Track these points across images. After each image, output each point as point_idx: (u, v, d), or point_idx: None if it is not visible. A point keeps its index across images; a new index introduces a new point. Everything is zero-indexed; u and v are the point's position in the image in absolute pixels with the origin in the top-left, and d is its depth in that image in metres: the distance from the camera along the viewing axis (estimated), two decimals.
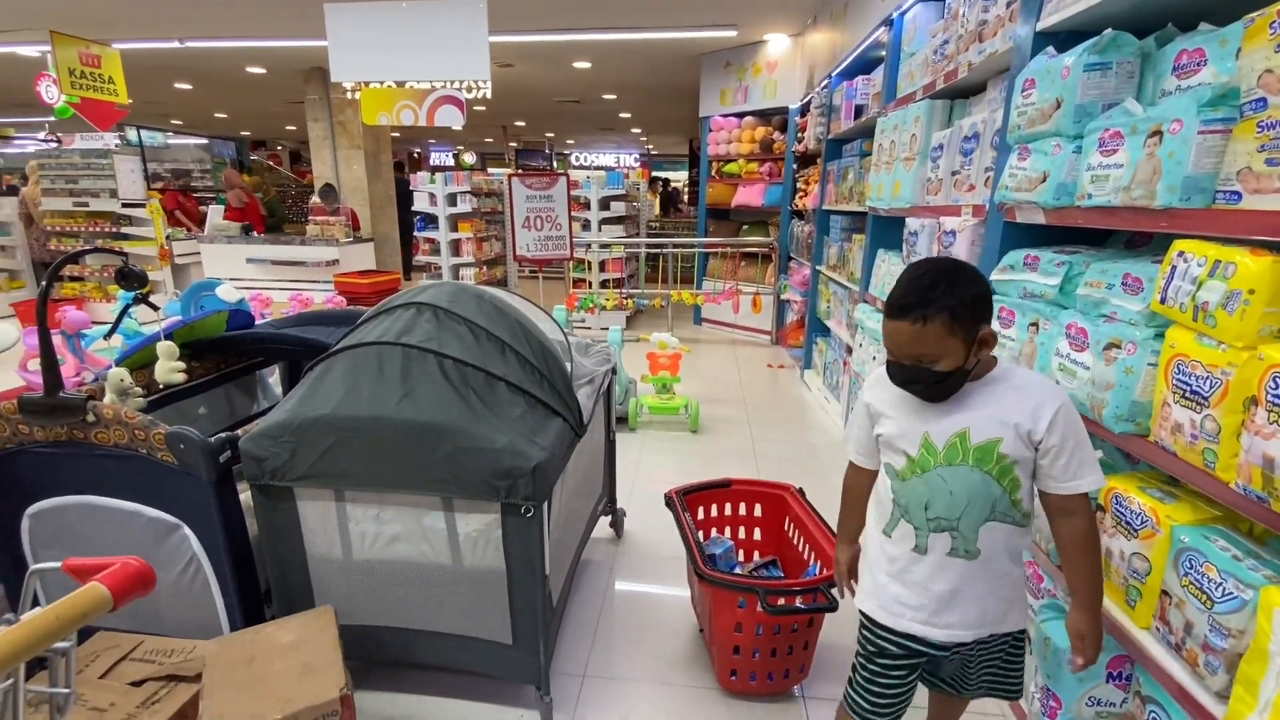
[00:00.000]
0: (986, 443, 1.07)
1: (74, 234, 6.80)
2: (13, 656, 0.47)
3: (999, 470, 1.08)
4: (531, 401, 1.60)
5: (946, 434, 1.10)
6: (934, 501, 1.12)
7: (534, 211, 4.38)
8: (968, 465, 1.09)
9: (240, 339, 2.35)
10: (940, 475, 1.11)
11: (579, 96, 9.53)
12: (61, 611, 0.52)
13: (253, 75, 7.71)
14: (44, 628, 0.50)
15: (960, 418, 1.09)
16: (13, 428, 1.56)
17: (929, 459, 1.11)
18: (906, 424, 1.14)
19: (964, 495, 1.10)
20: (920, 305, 1.02)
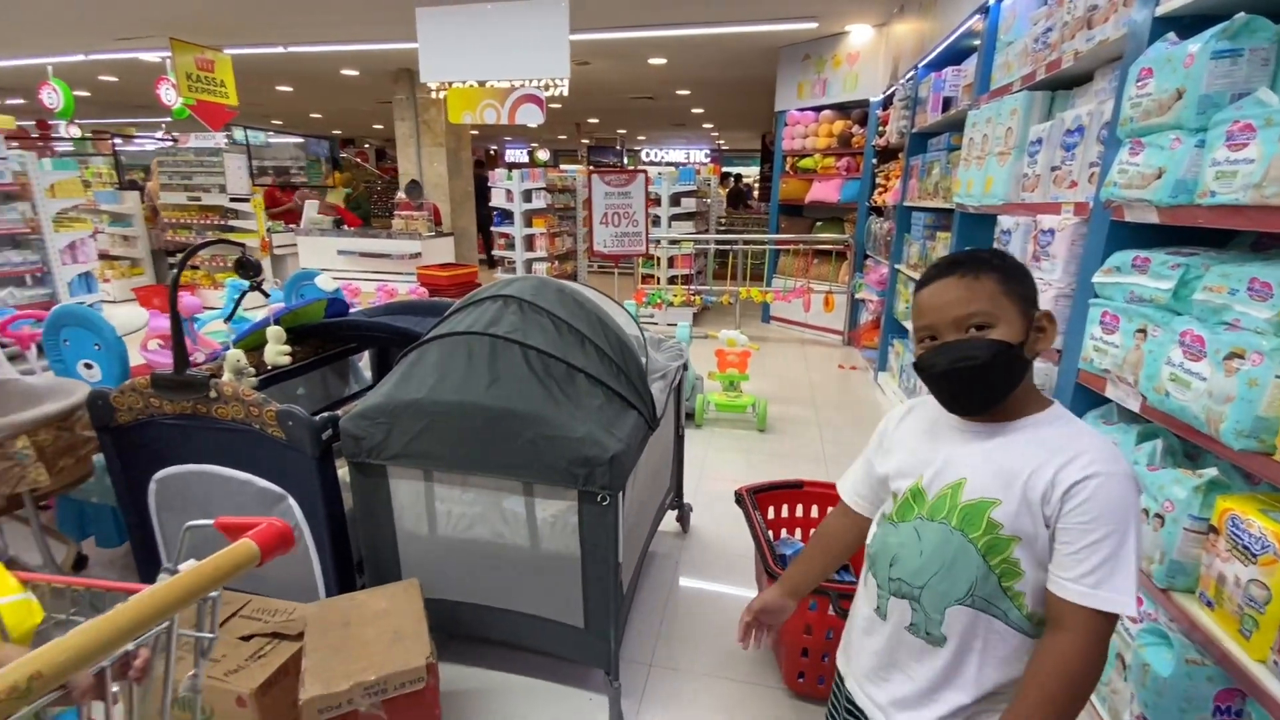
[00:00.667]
0: (977, 502, 0.85)
1: (188, 225, 7.42)
2: (179, 602, 0.54)
3: (987, 544, 0.84)
4: (609, 394, 1.64)
5: (943, 480, 0.90)
6: (900, 557, 0.92)
7: (612, 208, 4.44)
8: (949, 525, 0.87)
9: (336, 325, 2.51)
10: (915, 528, 0.91)
11: (652, 93, 9.56)
12: (220, 563, 0.59)
13: (346, 77, 8.16)
14: (207, 576, 0.57)
15: (965, 464, 0.88)
16: (145, 400, 1.74)
17: (912, 506, 0.92)
18: (913, 458, 0.95)
19: (935, 560, 0.87)
20: (971, 261, 0.87)
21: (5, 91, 9.99)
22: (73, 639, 0.48)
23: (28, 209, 4.95)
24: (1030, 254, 2.12)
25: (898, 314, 4.33)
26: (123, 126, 14.79)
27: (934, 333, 0.89)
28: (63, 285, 5.19)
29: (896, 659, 0.95)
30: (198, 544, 0.76)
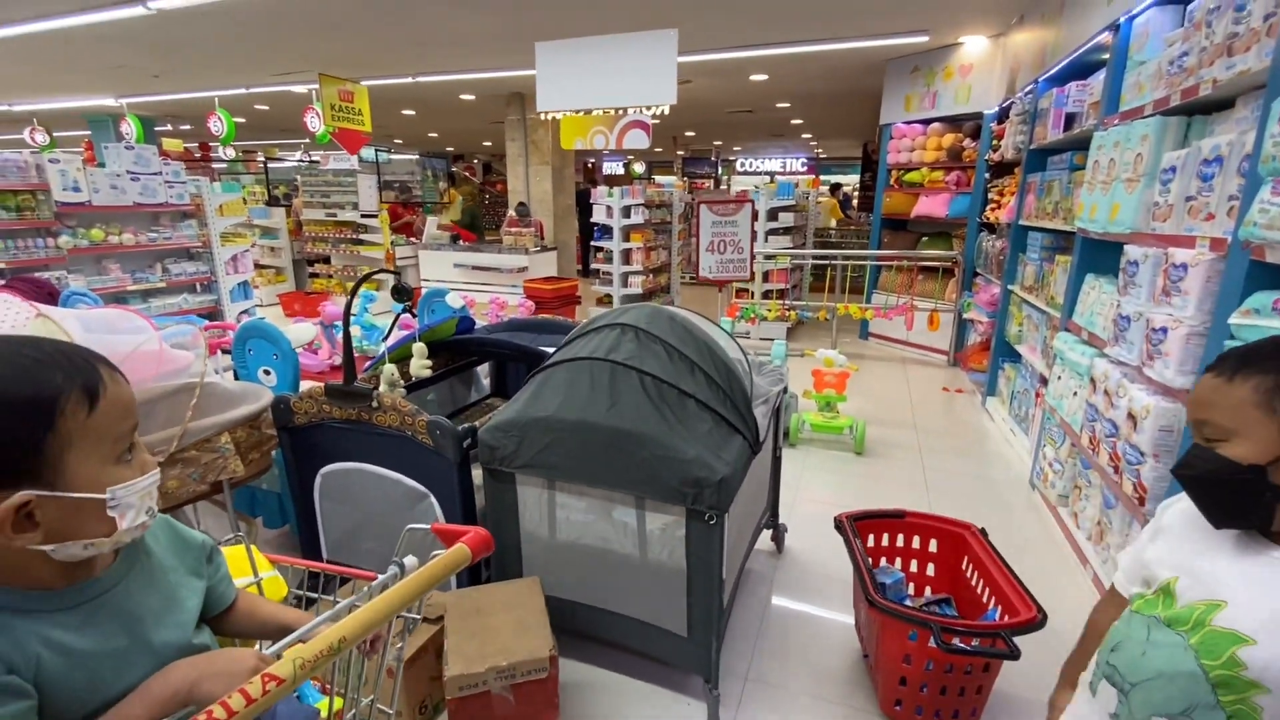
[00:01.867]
0: (1227, 632, 0.74)
1: (325, 239, 8.26)
2: (420, 593, 0.72)
3: (1222, 678, 0.74)
4: (717, 418, 1.76)
5: (1198, 592, 0.79)
6: (1122, 646, 0.86)
7: (719, 235, 4.57)
8: (1185, 642, 0.77)
9: (465, 342, 2.78)
10: (1149, 625, 0.83)
11: (751, 107, 9.60)
12: (444, 563, 0.76)
13: (464, 101, 8.80)
14: (436, 574, 0.74)
15: (1233, 585, 0.77)
16: (319, 406, 2.04)
17: (1156, 602, 0.84)
18: (1177, 553, 0.86)
19: (1154, 668, 0.79)
20: (1239, 359, 0.77)
21: (176, 119, 11.52)
22: (364, 614, 0.65)
23: (200, 226, 5.74)
24: (1160, 288, 2.03)
25: (1010, 336, 4.15)
26: (269, 148, 16.62)
27: (1193, 429, 0.83)
28: (225, 293, 5.96)
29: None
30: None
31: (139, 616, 0.71)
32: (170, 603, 0.75)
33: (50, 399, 0.63)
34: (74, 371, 0.65)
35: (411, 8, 4.64)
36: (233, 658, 0.70)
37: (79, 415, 0.64)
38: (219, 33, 5.47)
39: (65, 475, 0.64)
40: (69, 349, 0.67)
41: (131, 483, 0.69)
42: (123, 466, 0.69)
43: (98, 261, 5.11)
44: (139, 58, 6.52)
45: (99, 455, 0.66)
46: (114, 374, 0.69)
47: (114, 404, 0.68)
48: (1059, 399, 2.89)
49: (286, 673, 0.57)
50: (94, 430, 0.66)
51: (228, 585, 0.84)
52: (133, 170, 5.11)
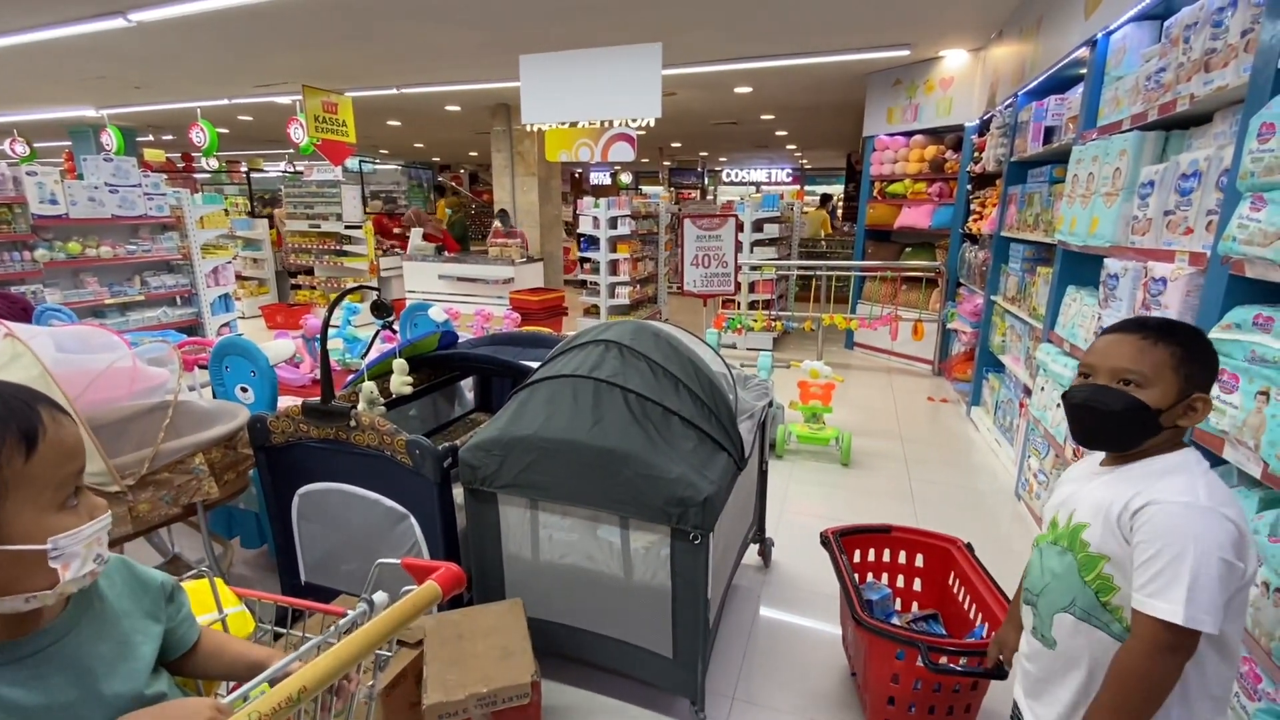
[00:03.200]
0: (1076, 526, 1.02)
1: (308, 250, 8.17)
2: (391, 632, 0.69)
3: (1084, 561, 1.00)
4: (701, 436, 1.74)
5: (1066, 511, 1.07)
6: (1029, 573, 1.14)
7: (703, 250, 4.59)
8: (1059, 546, 1.06)
9: (448, 357, 2.75)
10: (1042, 549, 1.11)
11: (736, 118, 9.66)
12: (415, 602, 0.73)
13: (449, 112, 8.78)
14: (407, 613, 0.71)
15: (1083, 498, 1.04)
16: (295, 425, 1.99)
17: (1048, 535, 1.11)
18: (1059, 495, 1.13)
19: (1048, 573, 1.06)
20: (1160, 329, 0.98)
21: (158, 130, 11.39)
22: (326, 661, 0.62)
23: (180, 238, 5.66)
24: (1140, 302, 2.05)
25: (993, 347, 4.18)
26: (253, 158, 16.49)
27: (1091, 372, 1.04)
28: (206, 305, 5.87)
29: (1030, 659, 1.13)
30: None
31: (89, 668, 0.67)
32: (123, 650, 0.71)
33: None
34: (8, 416, 0.62)
35: (393, 21, 4.62)
36: (187, 710, 0.66)
37: (15, 462, 0.61)
38: (200, 44, 5.42)
39: (1, 526, 0.60)
40: (5, 391, 0.63)
41: (75, 530, 0.65)
42: (66, 513, 0.65)
43: (75, 275, 5.02)
44: (120, 69, 6.45)
45: (38, 503, 0.63)
46: (55, 415, 0.66)
47: (54, 448, 0.64)
48: (1042, 410, 2.90)
49: None
50: (31, 477, 0.62)
51: (190, 626, 0.80)
52: (111, 182, 5.03)
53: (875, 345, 6.32)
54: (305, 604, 1.01)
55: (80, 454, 0.67)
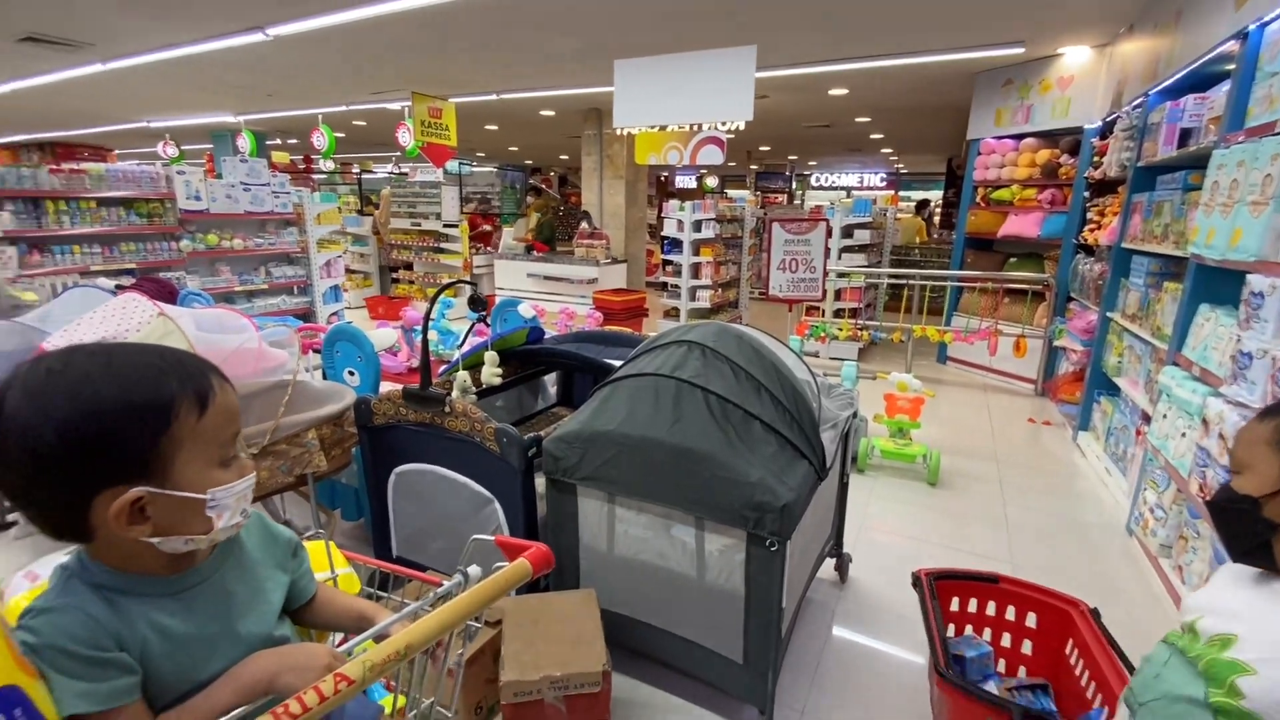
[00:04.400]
0: (1230, 661, 0.78)
1: (408, 247, 8.69)
2: (485, 603, 0.74)
3: (1222, 705, 0.77)
4: (782, 441, 1.72)
5: (1216, 627, 0.83)
6: (1141, 668, 0.93)
7: (790, 254, 4.51)
8: (1192, 670, 0.82)
9: (535, 352, 2.85)
10: (1170, 652, 0.88)
11: (829, 121, 9.41)
12: (508, 577, 0.78)
13: (544, 117, 9.08)
14: (500, 586, 0.76)
15: (1244, 618, 0.81)
16: (395, 408, 2.13)
17: (1183, 636, 0.88)
18: (1207, 594, 0.91)
19: (1161, 689, 0.84)
20: (1274, 406, 0.84)
21: (284, 134, 12.47)
22: (429, 623, 0.68)
23: (299, 233, 6.17)
24: None
25: (1107, 368, 3.86)
26: (363, 160, 17.71)
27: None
28: (319, 295, 6.38)
29: None
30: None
31: (229, 606, 0.76)
32: (257, 594, 0.80)
33: (166, 403, 0.69)
34: (188, 379, 0.71)
35: (503, 29, 4.84)
36: (309, 653, 0.73)
37: (190, 420, 0.70)
38: (325, 55, 5.89)
39: (174, 475, 0.69)
40: (187, 358, 0.73)
41: (230, 485, 0.73)
42: (223, 469, 0.74)
43: (211, 264, 5.59)
44: (256, 79, 7.11)
45: (204, 458, 0.72)
46: (223, 383, 0.75)
47: (221, 411, 0.73)
48: (1164, 439, 2.65)
49: (357, 674, 0.60)
50: (201, 434, 0.71)
51: (309, 580, 0.89)
52: (245, 181, 5.57)
53: (971, 360, 5.98)
54: (406, 571, 1.09)
55: (237, 419, 0.76)
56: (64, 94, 7.73)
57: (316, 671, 0.68)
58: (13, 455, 0.63)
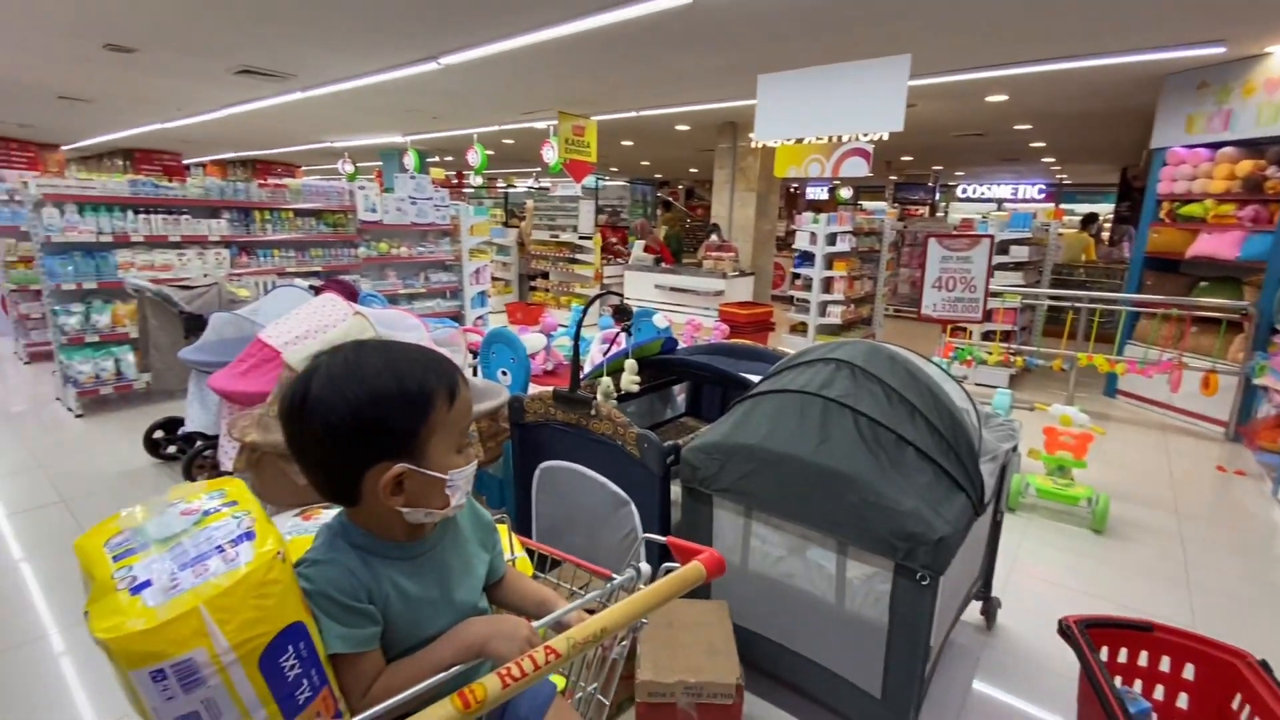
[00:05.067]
0: None
1: (546, 257, 9.21)
2: (661, 602, 0.78)
3: None
4: (938, 471, 1.63)
5: None
6: None
7: (948, 272, 4.25)
8: None
9: (668, 362, 2.92)
10: None
11: (983, 129, 8.78)
12: (684, 577, 0.82)
13: (678, 131, 9.27)
14: (674, 587, 0.81)
15: None
16: (546, 408, 2.28)
17: None
18: None
19: None
20: None
21: (443, 152, 13.70)
22: (620, 611, 0.74)
23: (453, 243, 6.75)
24: None
25: None
26: (508, 175, 19.03)
27: None
28: (468, 300, 6.92)
29: None
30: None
31: (448, 576, 0.87)
32: (467, 567, 0.91)
33: (429, 395, 0.81)
34: (443, 375, 0.83)
35: (652, 49, 5.02)
36: (514, 624, 0.82)
37: (442, 410, 0.82)
38: (485, 81, 6.44)
39: (427, 456, 0.81)
40: (439, 358, 0.85)
41: (463, 469, 0.85)
42: (459, 455, 0.85)
43: (381, 269, 6.27)
44: (424, 103, 7.91)
45: (447, 444, 0.83)
46: (464, 381, 0.87)
47: (463, 404, 0.85)
48: None
49: (563, 649, 0.66)
50: (449, 423, 0.83)
51: (501, 560, 0.99)
52: (413, 195, 6.20)
53: (1146, 396, 5.29)
54: (573, 559, 1.17)
55: (470, 412, 0.87)
56: (265, 118, 9.05)
57: (520, 641, 0.76)
58: (316, 430, 0.77)
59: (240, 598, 0.66)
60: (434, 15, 4.40)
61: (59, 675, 2.04)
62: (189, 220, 4.86)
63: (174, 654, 0.62)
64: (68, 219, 4.30)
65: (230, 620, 0.65)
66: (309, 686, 0.71)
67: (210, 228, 4.99)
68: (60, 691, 1.98)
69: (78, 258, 4.41)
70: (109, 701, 1.93)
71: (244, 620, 0.66)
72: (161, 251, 4.67)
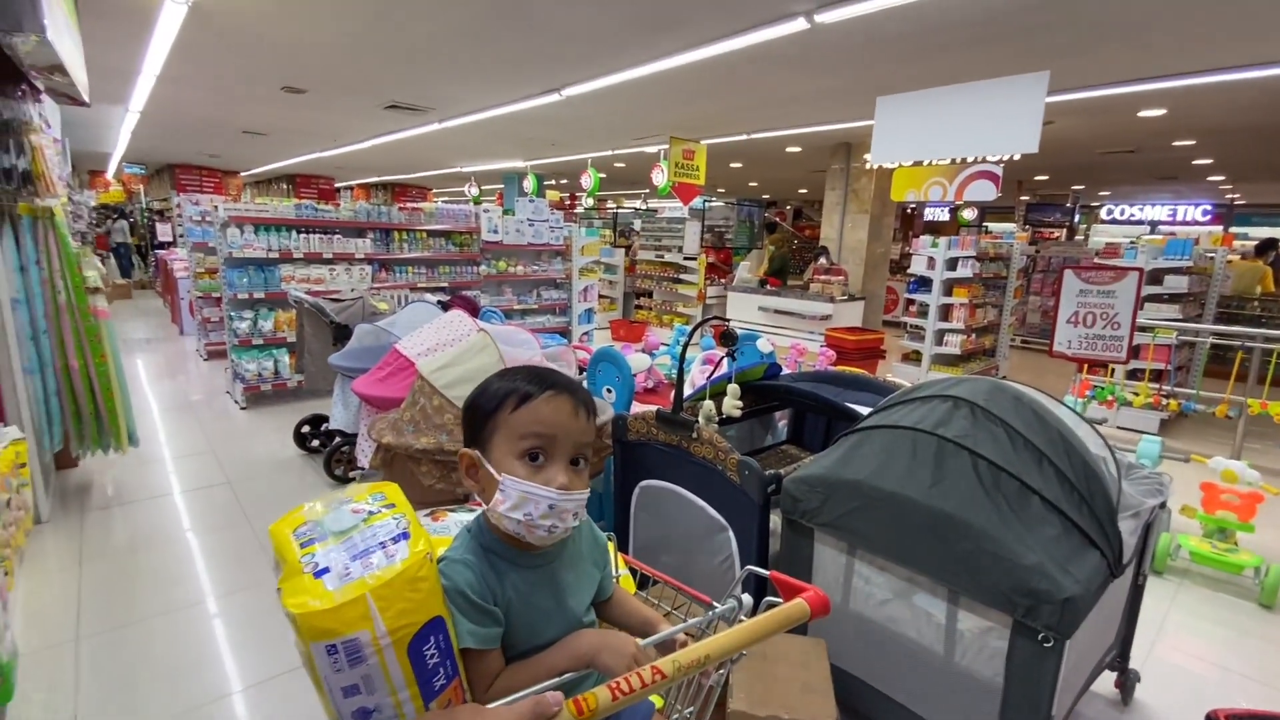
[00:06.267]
0: None
1: (651, 276, 9.38)
2: (765, 634, 0.79)
3: None
4: (1067, 525, 1.51)
5: None
6: None
7: (1086, 307, 3.84)
8: None
9: (772, 388, 2.89)
10: None
11: (1135, 146, 7.97)
12: (788, 613, 0.83)
13: (789, 153, 9.17)
14: (776, 623, 0.81)
15: None
16: (648, 427, 2.34)
17: None
18: None
19: None
20: None
21: (558, 176, 14.39)
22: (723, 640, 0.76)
23: (563, 262, 7.07)
24: None
25: None
26: (617, 197, 19.64)
27: None
28: (575, 316, 7.20)
29: None
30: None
31: (562, 588, 0.93)
32: (581, 583, 0.96)
33: (502, 396, 0.90)
34: (526, 383, 0.91)
35: (766, 72, 5.04)
36: (622, 640, 0.86)
37: (506, 412, 0.90)
38: (603, 109, 6.73)
39: (490, 452, 0.90)
40: (548, 373, 0.93)
41: (520, 480, 0.87)
42: (523, 464, 0.88)
43: (499, 285, 6.69)
44: (545, 131, 8.39)
45: (507, 447, 0.89)
46: (556, 395, 0.90)
47: (531, 413, 0.89)
48: None
49: (669, 670, 0.69)
50: (510, 426, 0.89)
51: (610, 579, 1.04)
52: (530, 218, 6.57)
53: None
54: (676, 583, 1.21)
55: (551, 426, 0.89)
56: (406, 146, 9.95)
57: (627, 657, 0.80)
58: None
59: (398, 589, 0.75)
60: (562, 52, 4.68)
61: (211, 637, 2.34)
62: (340, 239, 5.45)
63: (345, 632, 0.71)
64: (245, 238, 4.96)
65: (389, 608, 0.74)
66: (444, 675, 0.79)
67: (357, 246, 5.57)
68: (211, 652, 2.26)
69: (251, 271, 5.07)
70: (253, 664, 2.18)
71: (399, 609, 0.75)
72: (317, 266, 5.27)
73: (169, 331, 8.23)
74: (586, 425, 0.92)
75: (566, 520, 0.89)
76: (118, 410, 3.24)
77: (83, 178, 16.51)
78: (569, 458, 0.91)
